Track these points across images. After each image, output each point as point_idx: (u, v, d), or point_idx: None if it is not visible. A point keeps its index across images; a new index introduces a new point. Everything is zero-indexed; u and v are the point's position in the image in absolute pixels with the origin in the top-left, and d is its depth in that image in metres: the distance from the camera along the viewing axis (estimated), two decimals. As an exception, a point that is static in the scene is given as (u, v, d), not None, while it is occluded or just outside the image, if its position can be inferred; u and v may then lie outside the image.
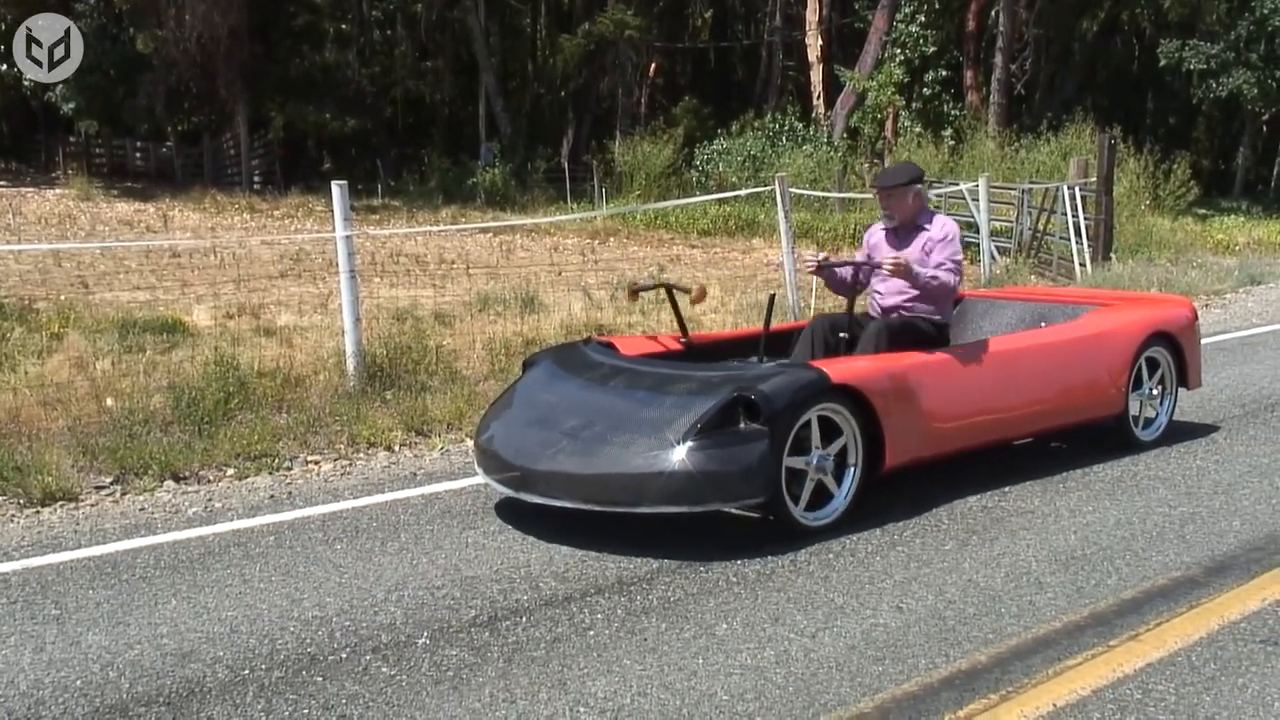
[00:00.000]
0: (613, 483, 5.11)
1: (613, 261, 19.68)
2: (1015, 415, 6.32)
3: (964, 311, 7.41)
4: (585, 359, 6.03)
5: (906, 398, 5.70)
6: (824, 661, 4.04)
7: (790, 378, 5.34)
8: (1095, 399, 6.67)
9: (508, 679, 3.91)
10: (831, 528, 5.41)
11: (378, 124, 42.78)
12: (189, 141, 42.14)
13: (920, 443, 5.77)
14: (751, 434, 5.14)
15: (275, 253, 19.80)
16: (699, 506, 5.12)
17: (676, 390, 5.41)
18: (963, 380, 6.02)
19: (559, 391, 5.75)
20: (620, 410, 5.41)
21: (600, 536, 5.32)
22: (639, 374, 5.71)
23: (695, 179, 32.95)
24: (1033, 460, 6.56)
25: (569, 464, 5.20)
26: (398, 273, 17.12)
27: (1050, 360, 6.49)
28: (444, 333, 10.97)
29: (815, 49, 37.11)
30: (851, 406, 5.46)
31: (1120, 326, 6.90)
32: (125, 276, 16.11)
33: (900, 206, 6.44)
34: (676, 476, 5.03)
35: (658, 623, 4.38)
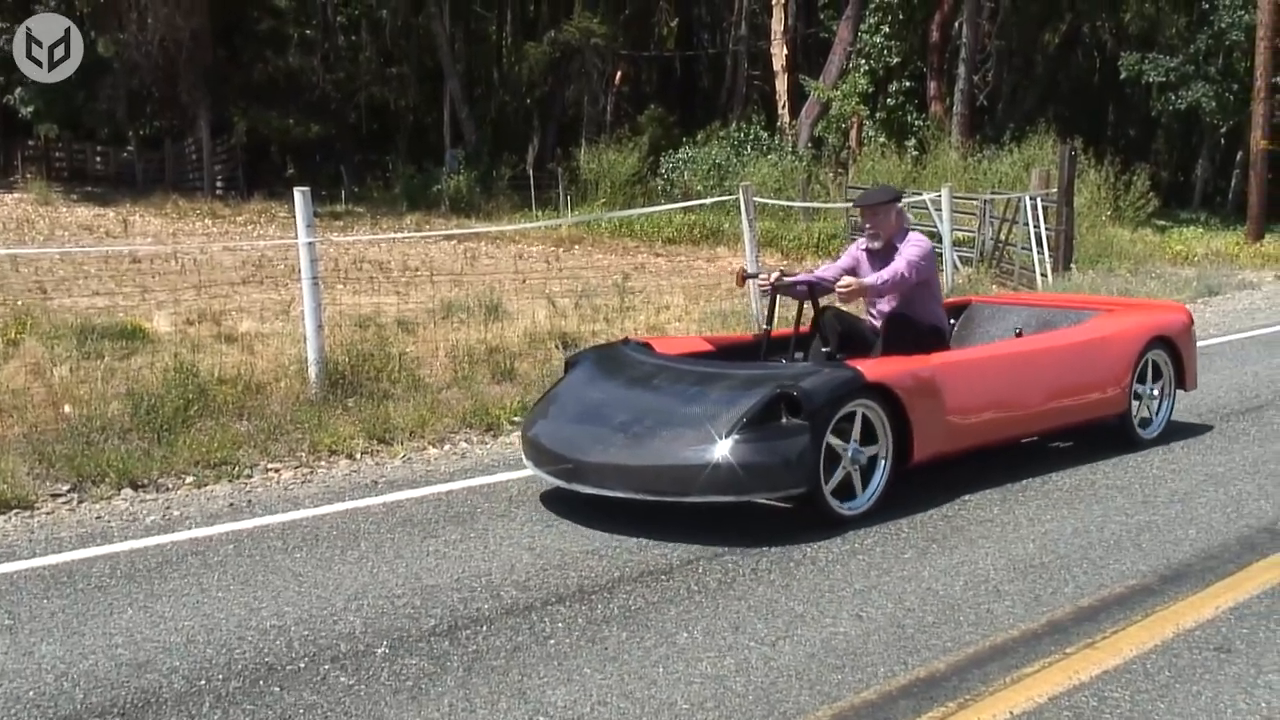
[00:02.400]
0: (663, 474, 5.44)
1: (577, 269, 19.69)
2: (1028, 414, 6.70)
3: (971, 316, 7.84)
4: (627, 358, 6.40)
5: (932, 396, 6.02)
6: (784, 670, 4.05)
7: (829, 376, 5.70)
8: (1101, 399, 7.01)
9: (467, 688, 3.90)
10: (796, 534, 5.44)
11: (342, 130, 42.60)
12: (150, 146, 41.81)
13: (944, 439, 6.10)
14: (793, 428, 5.45)
15: (237, 259, 19.69)
16: (744, 496, 5.48)
17: (720, 387, 5.75)
18: (982, 380, 6.40)
19: (605, 389, 6.08)
20: (667, 406, 5.73)
21: (560, 546, 5.32)
22: (680, 372, 6.07)
23: (660, 187, 33.00)
24: (992, 469, 6.61)
25: (621, 456, 5.52)
26: (361, 279, 17.06)
27: (1061, 362, 6.86)
28: (407, 340, 10.93)
29: (780, 58, 37.27)
30: (883, 403, 5.78)
31: (1124, 330, 7.29)
32: (84, 282, 15.97)
33: (884, 225, 6.72)
34: (722, 468, 5.33)
35: (618, 631, 4.38)
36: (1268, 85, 26.63)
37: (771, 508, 5.81)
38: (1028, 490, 6.28)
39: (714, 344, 7.06)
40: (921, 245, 6.69)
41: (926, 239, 6.78)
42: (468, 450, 7.33)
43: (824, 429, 5.51)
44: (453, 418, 7.81)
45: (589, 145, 35.64)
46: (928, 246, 6.72)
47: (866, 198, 7.01)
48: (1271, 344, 11.52)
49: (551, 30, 40.45)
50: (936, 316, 6.82)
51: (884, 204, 6.79)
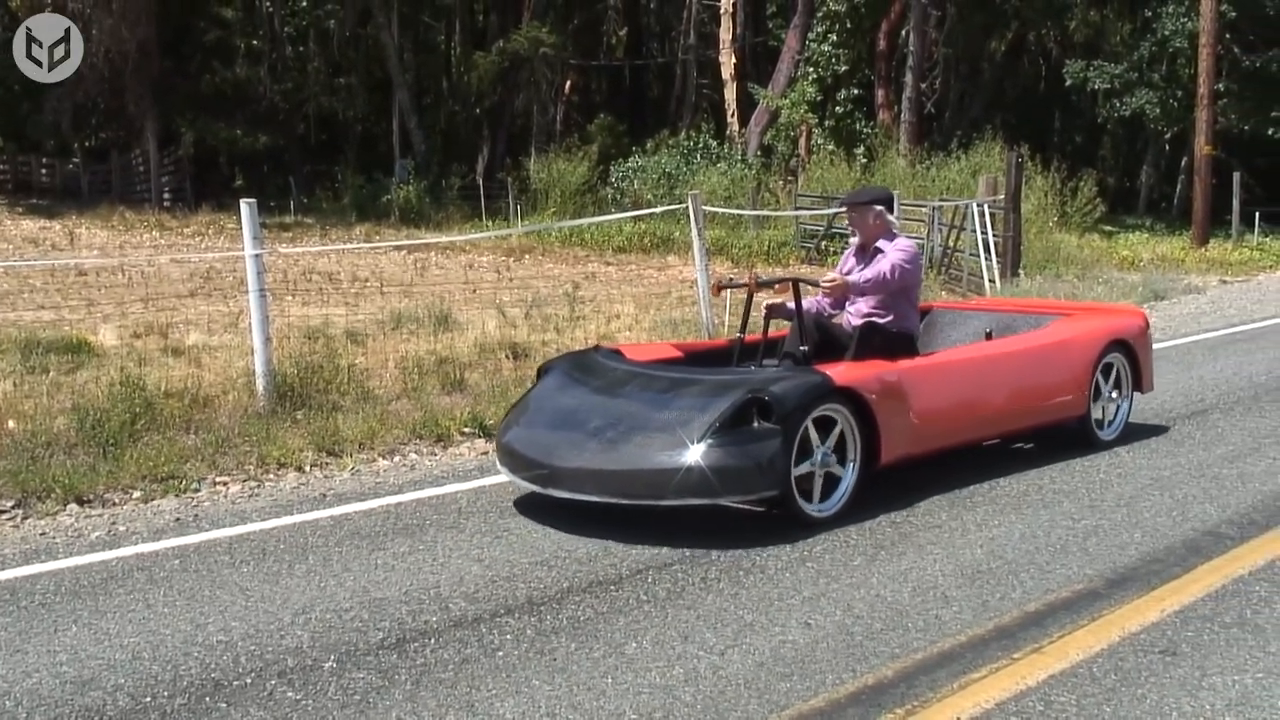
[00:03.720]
0: (638, 478, 5.53)
1: (528, 279, 19.65)
2: (993, 416, 6.89)
3: (932, 322, 7.93)
4: (598, 365, 6.49)
5: (898, 400, 6.14)
6: (732, 679, 4.06)
7: (799, 380, 5.80)
8: (1062, 402, 7.19)
9: (415, 702, 3.88)
10: (745, 542, 5.46)
11: (290, 140, 42.32)
12: (97, 158, 41.38)
13: (911, 441, 6.23)
14: (765, 432, 5.56)
15: (185, 271, 19.50)
16: (717, 499, 5.56)
17: (692, 392, 5.82)
18: (947, 384, 6.55)
19: (577, 395, 6.17)
20: (640, 411, 5.82)
21: (509, 558, 5.31)
22: (652, 378, 6.17)
23: (611, 196, 33.02)
24: (941, 476, 6.66)
25: (595, 461, 5.60)
26: (310, 291, 16.93)
27: (1024, 366, 7.05)
28: (356, 351, 10.86)
29: (729, 67, 37.44)
30: (851, 407, 5.89)
31: (1083, 334, 7.46)
32: (29, 295, 15.77)
33: (862, 225, 6.90)
34: (695, 472, 5.43)
35: (567, 642, 4.38)
36: (1211, 91, 27.08)
37: (723, 513, 5.82)
38: (975, 496, 6.34)
39: (684, 350, 7.17)
40: (907, 250, 6.80)
41: (914, 245, 6.89)
42: (417, 462, 7.30)
43: (795, 432, 5.62)
44: (402, 429, 7.78)
45: (539, 154, 35.61)
46: (914, 252, 6.84)
47: (849, 197, 7.24)
48: (1216, 348, 11.70)
49: (500, 40, 40.42)
50: (910, 323, 6.90)
51: (862, 205, 6.90)
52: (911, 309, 6.91)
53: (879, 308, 6.79)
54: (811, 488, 5.80)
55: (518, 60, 39.23)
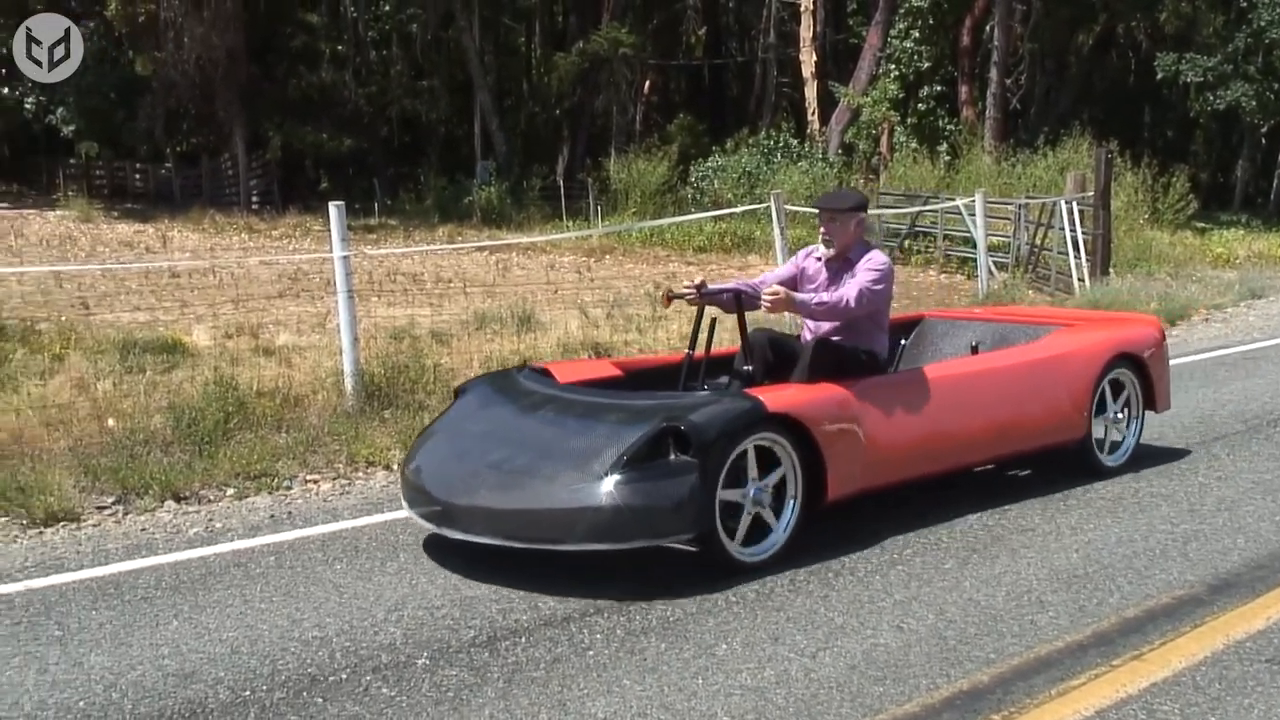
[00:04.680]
0: (536, 518, 4.93)
1: (609, 279, 19.70)
2: (968, 442, 6.10)
3: (923, 333, 7.26)
4: (517, 387, 5.83)
5: (850, 427, 5.49)
6: (824, 682, 4.04)
7: (723, 407, 5.13)
8: (1055, 423, 6.47)
9: (508, 699, 3.90)
10: (834, 545, 5.41)
11: (374, 143, 42.84)
12: (188, 162, 42.21)
13: (866, 473, 5.57)
14: (681, 466, 4.91)
15: (274, 272, 19.82)
16: (626, 543, 4.91)
17: (605, 420, 5.20)
18: (910, 407, 5.83)
19: (487, 421, 5.56)
20: (546, 441, 5.20)
21: (595, 557, 5.32)
22: (569, 403, 5.50)
23: (691, 196, 32.98)
24: (1033, 478, 6.56)
25: (491, 498, 5.03)
26: (395, 292, 17.13)
27: (1005, 384, 6.30)
28: (441, 351, 10.96)
29: (809, 65, 37.21)
30: (791, 437, 5.24)
31: (1081, 348, 6.70)
32: (125, 297, 16.12)
33: (841, 233, 6.06)
34: (602, 512, 4.83)
35: (657, 643, 4.38)
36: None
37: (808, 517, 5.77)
38: (1069, 499, 6.23)
39: (626, 369, 6.40)
40: (879, 270, 5.95)
41: (887, 260, 6.06)
42: (505, 461, 7.34)
43: (719, 466, 4.97)
44: (489, 429, 7.82)
45: (619, 155, 35.69)
46: (886, 271, 5.99)
47: (826, 200, 6.23)
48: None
49: (580, 41, 40.55)
50: (875, 342, 6.12)
51: (844, 211, 6.06)
52: (876, 328, 6.12)
53: (838, 326, 6.07)
54: (742, 526, 5.15)
55: (597, 61, 39.33)
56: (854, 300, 5.85)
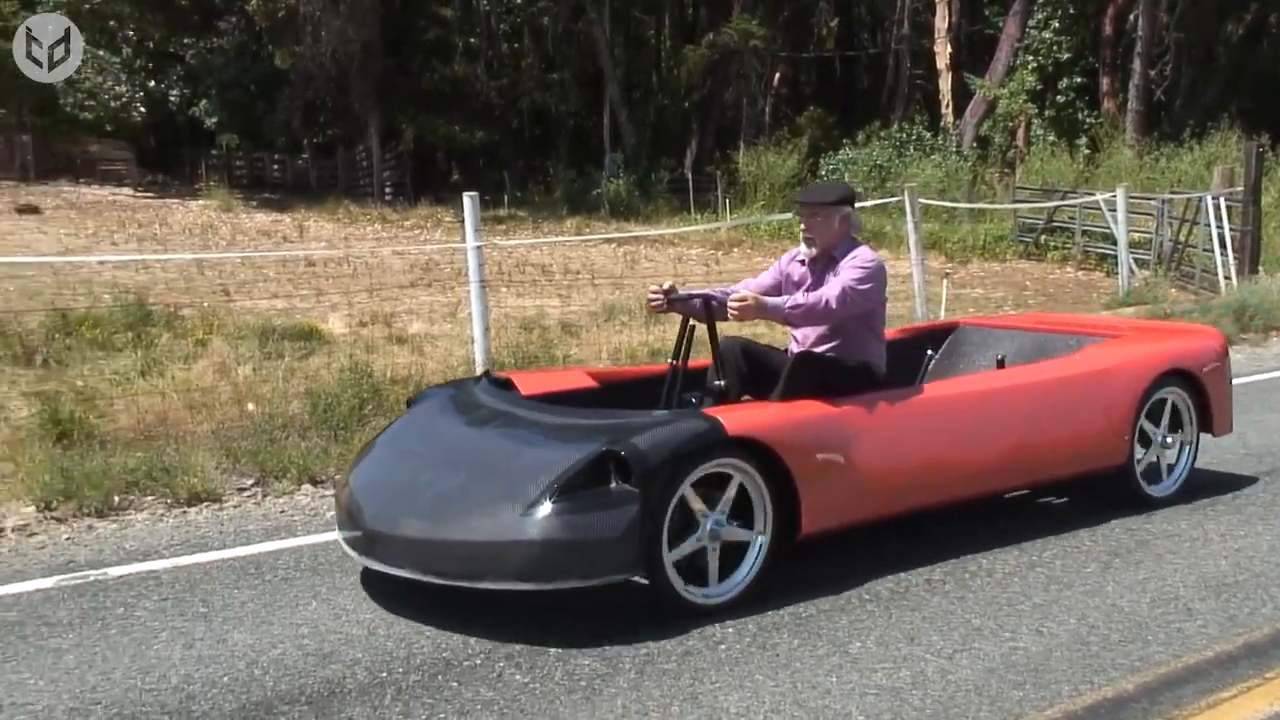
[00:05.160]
0: (456, 551, 4.39)
1: (737, 273, 19.61)
2: (979, 469, 5.43)
3: (957, 343, 6.59)
4: (468, 400, 5.26)
5: (832, 452, 4.89)
6: (962, 684, 3.95)
7: (673, 429, 4.54)
8: (1088, 448, 5.76)
9: (640, 691, 3.90)
10: (970, 545, 5.30)
11: (505, 136, 43.37)
12: (324, 154, 43.24)
13: (853, 504, 4.98)
14: (620, 496, 4.33)
15: (406, 262, 20.20)
16: (553, 583, 4.33)
17: (546, 441, 4.70)
18: (909, 430, 5.20)
19: (427, 437, 5.06)
20: (480, 463, 4.69)
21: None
22: (516, 419, 4.96)
23: (795, 188, 32.71)
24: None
25: (411, 526, 4.52)
26: (524, 283, 17.32)
27: (1027, 404, 5.60)
28: (570, 342, 11.06)
29: (944, 56, 36.57)
30: (757, 463, 4.65)
31: (1124, 363, 5.95)
32: (264, 285, 16.57)
33: (825, 231, 5.41)
34: (526, 547, 4.28)
35: (789, 638, 4.33)
36: None
37: (943, 516, 5.65)
38: (1218, 505, 6.01)
39: (605, 380, 5.76)
40: (865, 268, 5.30)
41: (877, 258, 5.44)
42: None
43: (667, 497, 4.40)
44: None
45: (748, 147, 35.54)
46: (874, 269, 5.33)
47: (808, 194, 5.70)
48: None
49: (710, 33, 40.46)
50: (869, 354, 5.44)
51: (826, 205, 5.45)
52: (870, 335, 5.45)
53: (826, 335, 5.43)
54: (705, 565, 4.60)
55: (727, 53, 39.21)
56: (835, 300, 5.19)
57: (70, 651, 4.25)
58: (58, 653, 4.24)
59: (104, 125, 43.18)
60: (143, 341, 10.89)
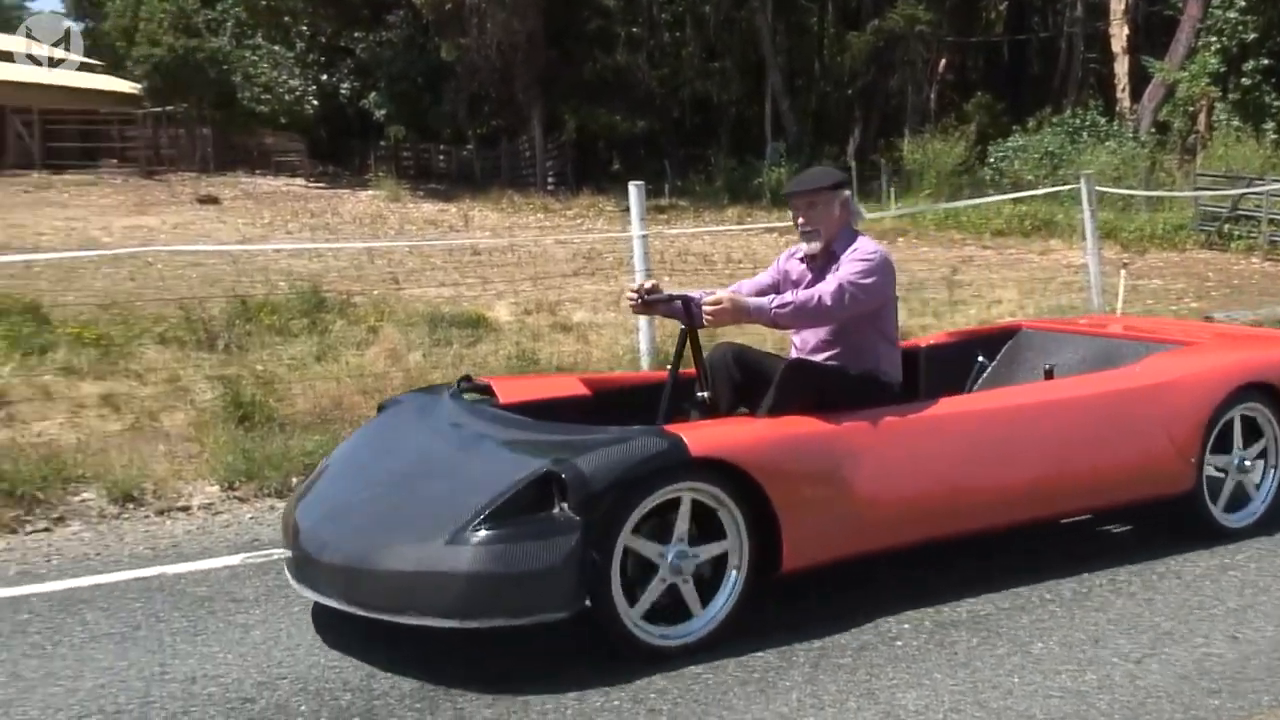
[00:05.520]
0: (378, 582, 3.93)
1: (902, 262, 19.18)
2: (1003, 497, 4.77)
3: (1016, 349, 5.97)
4: (432, 409, 4.78)
5: (824, 475, 4.33)
6: (1152, 690, 3.78)
7: (627, 448, 3.98)
8: (1144, 472, 5.07)
9: (815, 684, 3.84)
10: (1159, 546, 5.07)
11: (666, 125, 43.50)
12: (488, 144, 43.97)
13: (846, 535, 4.38)
14: (558, 524, 3.85)
15: (568, 251, 20.40)
16: (479, 621, 3.85)
17: (490, 460, 4.20)
18: (920, 451, 4.58)
19: (377, 451, 4.64)
20: (418, 483, 4.25)
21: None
22: (472, 434, 4.45)
23: (989, 177, 31.93)
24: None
25: (337, 550, 4.07)
26: (686, 272, 17.31)
27: (1070, 421, 4.93)
28: (733, 332, 10.99)
29: (1120, 39, 35.32)
30: (732, 488, 4.12)
31: (1193, 375, 5.23)
32: (431, 273, 16.92)
33: (825, 220, 4.83)
34: (449, 579, 3.81)
35: (968, 637, 4.22)
36: None
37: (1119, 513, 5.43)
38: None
39: (597, 387, 5.23)
40: (867, 260, 4.71)
41: (881, 250, 4.81)
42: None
43: (617, 525, 3.90)
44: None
45: (912, 135, 34.97)
46: (877, 261, 4.72)
47: (799, 182, 4.99)
48: None
49: (875, 19, 39.87)
50: (877, 361, 4.83)
51: (823, 190, 4.87)
52: (879, 340, 4.85)
53: (827, 340, 4.86)
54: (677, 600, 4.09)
55: (892, 39, 38.60)
56: (830, 298, 4.60)
57: (257, 627, 4.39)
58: (245, 628, 4.38)
59: (278, 118, 44.60)
60: (317, 328, 11.20)
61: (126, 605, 4.61)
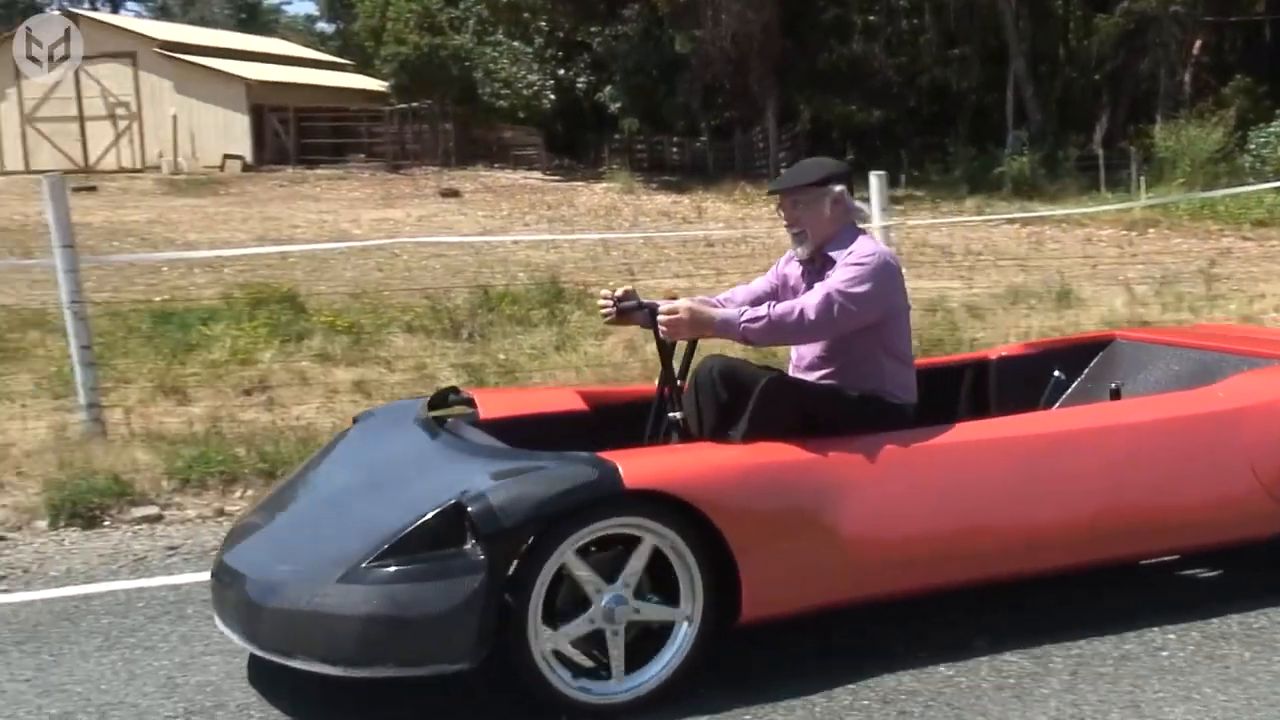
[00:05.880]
0: (271, 620, 3.54)
1: (1153, 254, 18.38)
2: (1033, 540, 4.05)
3: (1109, 361, 5.20)
4: (398, 424, 4.35)
5: (797, 513, 3.73)
6: None
7: (548, 478, 3.52)
8: (1217, 513, 4.27)
9: (1074, 693, 3.69)
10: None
11: (902, 114, 42.71)
12: (721, 135, 44.11)
13: (822, 581, 3.79)
14: (462, 564, 3.39)
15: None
16: (367, 670, 3.45)
17: (411, 488, 3.74)
18: (920, 486, 3.91)
19: (324, 471, 4.27)
20: (341, 511, 3.87)
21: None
22: (413, 455, 4.01)
23: (1249, 165, 30.10)
24: None
25: (241, 582, 3.68)
26: (923, 264, 16.96)
27: (1116, 452, 4.15)
28: (976, 326, 10.71)
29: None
30: (682, 525, 3.58)
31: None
32: (665, 265, 17.11)
33: (814, 220, 4.21)
34: (338, 621, 3.41)
35: (1240, 650, 3.98)
36: None
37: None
38: None
39: (595, 401, 4.65)
40: (861, 264, 4.04)
41: (881, 251, 4.14)
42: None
43: (537, 564, 3.46)
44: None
45: (1165, 121, 33.29)
46: (873, 266, 4.04)
47: (782, 178, 4.39)
48: None
49: (1124, 1, 38.10)
50: (882, 381, 4.16)
51: (807, 186, 4.23)
52: (883, 356, 4.16)
53: (825, 356, 4.22)
54: (612, 654, 3.59)
55: (1143, 21, 36.83)
56: (814, 310, 3.96)
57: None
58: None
59: (517, 113, 45.79)
60: (556, 318, 11.46)
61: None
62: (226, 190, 33.85)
